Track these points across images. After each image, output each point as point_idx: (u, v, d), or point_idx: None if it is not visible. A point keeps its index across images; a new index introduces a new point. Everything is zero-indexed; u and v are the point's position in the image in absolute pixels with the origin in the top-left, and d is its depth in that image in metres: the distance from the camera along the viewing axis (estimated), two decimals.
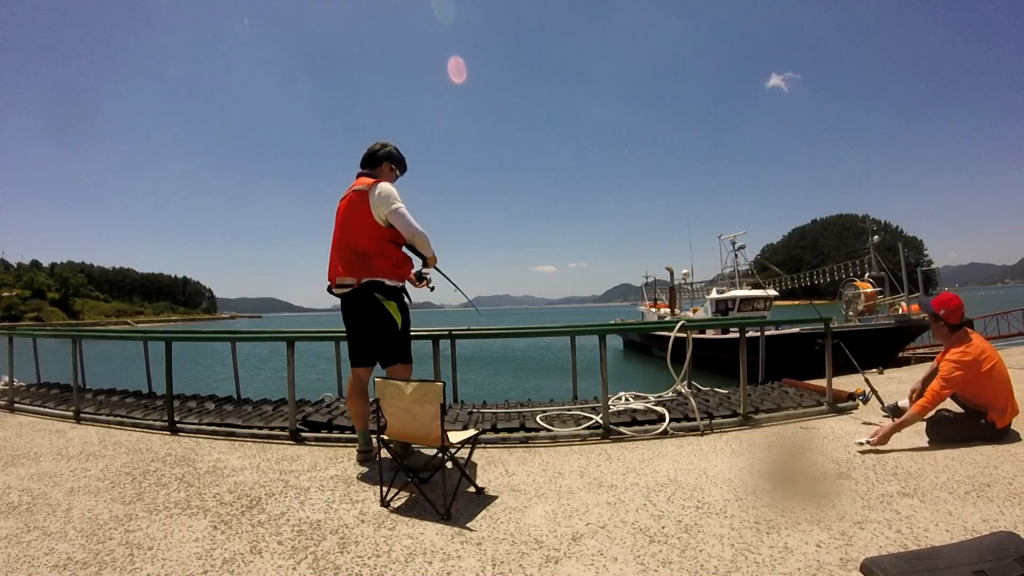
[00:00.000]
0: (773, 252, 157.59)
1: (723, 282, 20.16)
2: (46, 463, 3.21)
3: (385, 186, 2.86)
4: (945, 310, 3.27)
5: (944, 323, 3.28)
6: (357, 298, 2.86)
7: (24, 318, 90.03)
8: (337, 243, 2.93)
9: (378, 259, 2.85)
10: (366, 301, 2.85)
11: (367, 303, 2.85)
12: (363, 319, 2.90)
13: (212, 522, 2.26)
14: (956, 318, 3.27)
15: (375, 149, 3.05)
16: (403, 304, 2.96)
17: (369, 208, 2.81)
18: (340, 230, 2.92)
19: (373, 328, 2.89)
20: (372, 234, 2.84)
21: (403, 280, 2.98)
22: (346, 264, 2.86)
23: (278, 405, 4.67)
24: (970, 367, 3.08)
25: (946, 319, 3.27)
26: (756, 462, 2.93)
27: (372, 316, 2.87)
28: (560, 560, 1.87)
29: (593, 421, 3.67)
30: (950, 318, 3.26)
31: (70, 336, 5.00)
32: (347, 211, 2.89)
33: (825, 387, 4.22)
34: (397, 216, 2.82)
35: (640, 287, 28.51)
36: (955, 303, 3.29)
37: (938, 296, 3.41)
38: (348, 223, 2.88)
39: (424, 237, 2.90)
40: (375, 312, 2.86)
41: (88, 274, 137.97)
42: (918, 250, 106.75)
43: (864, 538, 1.95)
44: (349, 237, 2.87)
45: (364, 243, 2.83)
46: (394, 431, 2.45)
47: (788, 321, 9.15)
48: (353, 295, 2.86)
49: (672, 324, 4.23)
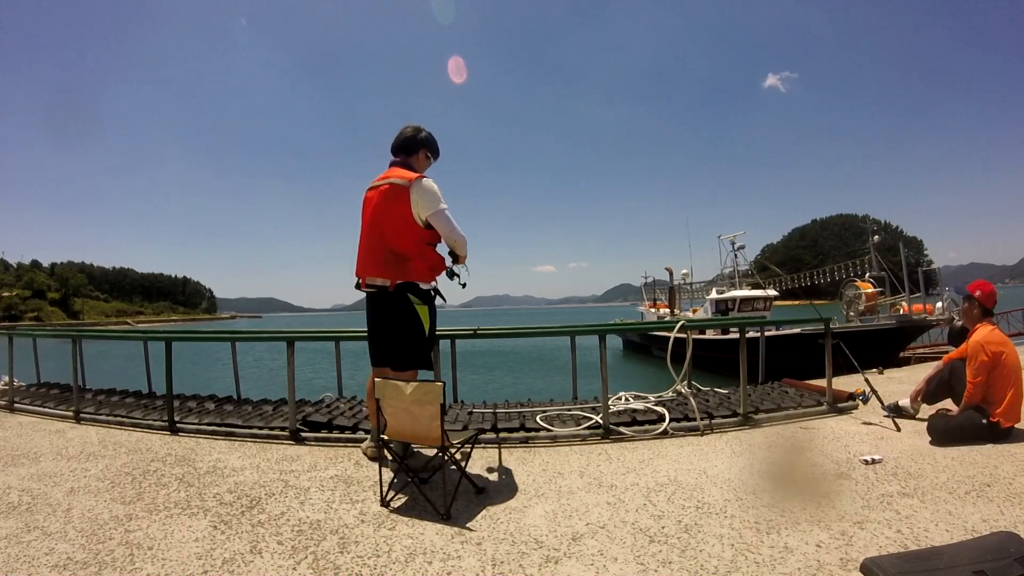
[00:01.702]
0: (773, 252, 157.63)
1: (723, 282, 20.15)
2: (46, 463, 3.21)
3: (429, 184, 2.69)
4: (981, 292, 3.36)
5: (978, 304, 3.35)
6: (389, 299, 2.72)
7: (24, 318, 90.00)
8: (368, 239, 2.76)
9: (416, 261, 2.70)
10: (399, 303, 2.71)
11: (399, 305, 2.71)
12: (391, 320, 2.75)
13: (212, 522, 2.26)
14: (991, 303, 3.37)
15: (410, 134, 2.86)
16: (434, 309, 2.84)
17: (408, 205, 2.64)
18: (371, 226, 2.74)
19: (399, 330, 2.75)
20: (411, 235, 2.68)
21: (432, 280, 2.85)
22: (379, 264, 2.71)
23: (278, 405, 4.67)
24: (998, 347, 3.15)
25: (981, 300, 3.35)
26: (756, 462, 2.93)
27: (401, 318, 2.72)
28: (560, 560, 1.87)
29: (593, 421, 3.66)
30: (986, 301, 3.35)
31: (70, 336, 4.99)
32: (381, 205, 2.71)
33: (825, 387, 4.22)
34: (441, 218, 2.68)
35: (640, 287, 28.51)
36: (990, 288, 3.40)
37: (974, 282, 3.50)
38: (382, 219, 2.70)
39: (465, 241, 2.78)
40: (406, 314, 2.72)
41: (88, 274, 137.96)
42: (918, 250, 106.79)
43: (864, 538, 1.95)
44: (384, 235, 2.70)
45: (401, 244, 2.68)
46: (394, 431, 2.45)
47: (789, 321, 9.15)
48: (384, 295, 2.73)
49: (672, 324, 4.23)
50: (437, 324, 3.00)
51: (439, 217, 2.67)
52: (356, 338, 5.09)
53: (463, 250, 2.81)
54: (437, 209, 2.66)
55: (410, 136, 2.86)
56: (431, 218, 2.67)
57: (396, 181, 2.69)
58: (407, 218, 2.66)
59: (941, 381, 3.57)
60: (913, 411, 3.71)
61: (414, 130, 2.87)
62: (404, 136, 2.86)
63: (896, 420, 3.56)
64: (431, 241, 2.75)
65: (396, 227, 2.68)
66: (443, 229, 2.70)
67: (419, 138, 2.86)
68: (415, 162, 2.86)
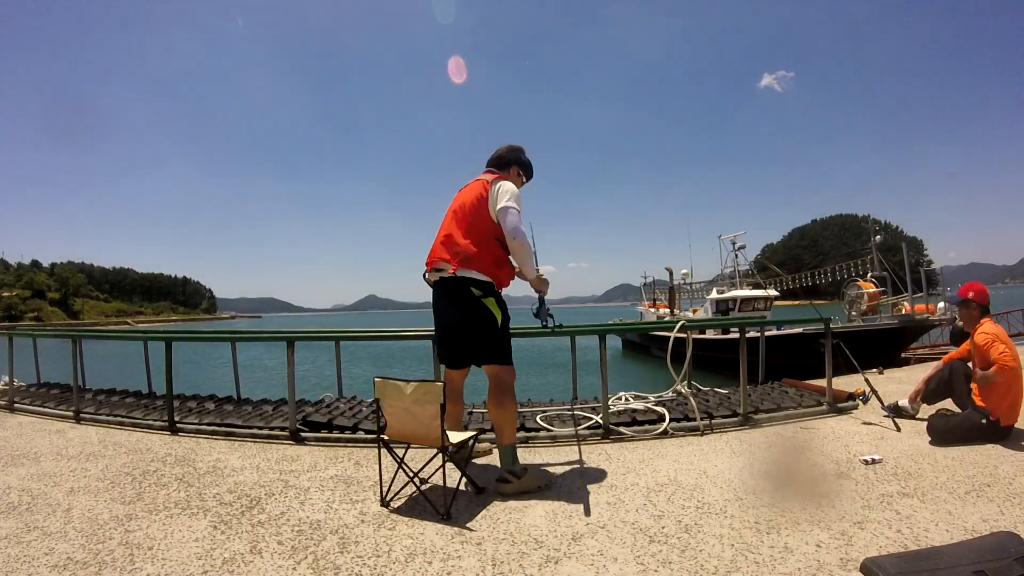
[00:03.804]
0: (773, 252, 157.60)
1: (723, 282, 20.14)
2: (46, 463, 3.21)
3: (511, 185, 2.71)
4: (975, 293, 3.37)
5: (976, 304, 3.36)
6: (452, 289, 2.64)
7: (24, 318, 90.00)
8: (445, 225, 2.75)
9: (481, 252, 2.62)
10: (462, 294, 2.62)
11: (463, 296, 2.62)
12: (459, 313, 2.65)
13: (212, 522, 2.26)
14: (986, 300, 3.39)
15: (502, 152, 2.91)
16: (501, 301, 2.72)
17: (487, 201, 2.66)
18: (451, 214, 2.75)
19: (471, 323, 2.64)
20: (482, 226, 2.65)
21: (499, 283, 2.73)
22: (447, 247, 2.66)
23: (278, 405, 4.66)
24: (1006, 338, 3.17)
25: (978, 300, 3.36)
26: (756, 462, 2.93)
27: (470, 310, 2.62)
28: (560, 560, 1.87)
29: (593, 421, 3.66)
30: (982, 299, 3.37)
31: (70, 336, 4.99)
32: (464, 197, 2.75)
33: (825, 387, 4.22)
34: (509, 215, 2.61)
35: (640, 287, 28.50)
36: (980, 286, 3.42)
37: (962, 286, 3.50)
38: (462, 209, 2.71)
39: (525, 246, 2.64)
40: (473, 306, 2.62)
41: (88, 274, 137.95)
42: (918, 250, 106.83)
43: (864, 538, 1.95)
44: (459, 222, 2.69)
45: (471, 232, 2.64)
46: (394, 431, 2.45)
47: (789, 321, 9.15)
48: (447, 284, 2.65)
49: (672, 324, 4.24)
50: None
51: (506, 214, 2.61)
52: (356, 338, 5.10)
53: (525, 260, 2.69)
54: (507, 205, 2.61)
55: (503, 154, 2.91)
56: (499, 212, 2.62)
57: (482, 178, 2.76)
58: (483, 212, 2.66)
59: (941, 381, 3.57)
60: (913, 411, 3.71)
61: (508, 149, 2.92)
62: (498, 154, 2.92)
63: (896, 420, 3.56)
64: (500, 237, 2.68)
65: (471, 218, 2.67)
66: (507, 226, 2.62)
67: (510, 156, 2.91)
68: (507, 177, 2.85)
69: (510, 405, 2.63)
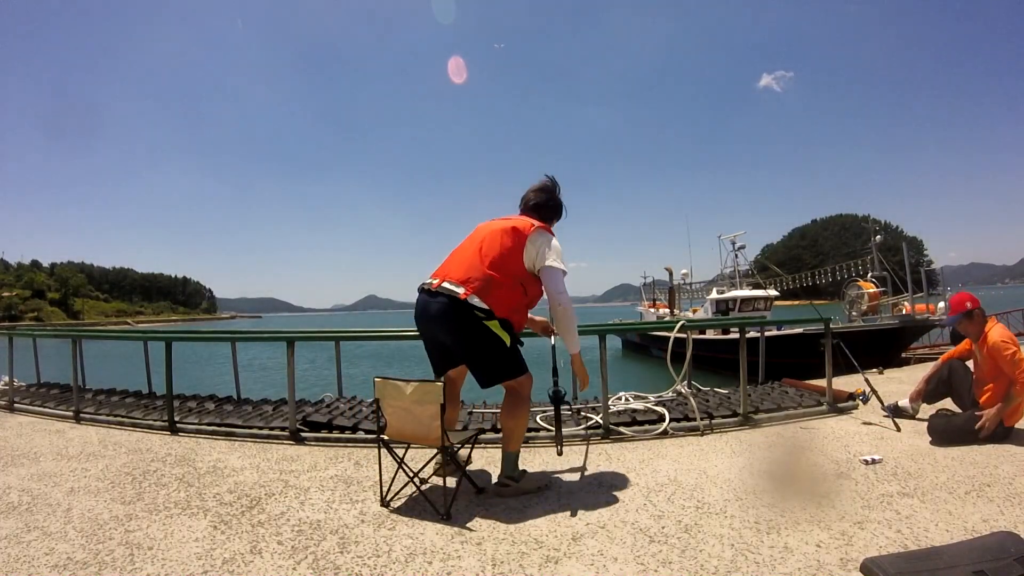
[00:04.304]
0: (773, 252, 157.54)
1: (723, 282, 20.15)
2: (46, 463, 3.21)
3: (556, 241, 2.51)
4: (971, 303, 3.36)
5: (980, 312, 3.34)
6: (455, 312, 2.37)
7: (24, 318, 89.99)
8: (466, 252, 2.51)
9: (502, 291, 2.39)
10: (465, 319, 2.36)
11: (466, 321, 2.36)
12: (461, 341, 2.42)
13: (212, 522, 2.26)
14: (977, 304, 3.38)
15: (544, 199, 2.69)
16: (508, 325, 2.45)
17: (522, 243, 2.44)
18: (476, 245, 2.50)
19: (476, 351, 2.44)
20: (511, 268, 2.43)
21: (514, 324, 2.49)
22: (464, 270, 2.42)
23: (278, 405, 4.66)
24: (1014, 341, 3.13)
25: (975, 306, 3.34)
26: (756, 462, 2.93)
27: (474, 337, 2.39)
28: (560, 560, 1.87)
29: (593, 421, 3.66)
30: (978, 305, 3.35)
31: (70, 336, 5.00)
32: (493, 232, 2.50)
33: (825, 387, 4.22)
34: (555, 276, 2.43)
35: (639, 287, 28.50)
36: (967, 294, 3.45)
37: (953, 297, 3.52)
38: (491, 243, 2.46)
39: (571, 313, 2.48)
40: (477, 332, 2.38)
41: (88, 274, 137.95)
42: (918, 250, 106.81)
43: (864, 538, 1.95)
44: (485, 255, 2.43)
45: (497, 268, 2.40)
46: (394, 431, 2.45)
47: (789, 321, 9.15)
48: (451, 306, 2.38)
49: (672, 324, 4.24)
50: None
51: (553, 275, 2.44)
52: (356, 338, 5.10)
53: (568, 328, 2.51)
54: (555, 266, 2.44)
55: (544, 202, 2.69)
56: (543, 272, 2.45)
57: (518, 225, 2.51)
58: (516, 253, 2.45)
59: (940, 381, 3.57)
60: (913, 411, 3.71)
61: (550, 193, 2.71)
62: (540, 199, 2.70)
63: (896, 420, 3.56)
64: (525, 282, 2.48)
65: (499, 252, 2.44)
66: (551, 287, 2.45)
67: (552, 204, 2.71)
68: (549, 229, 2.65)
69: (524, 415, 2.56)
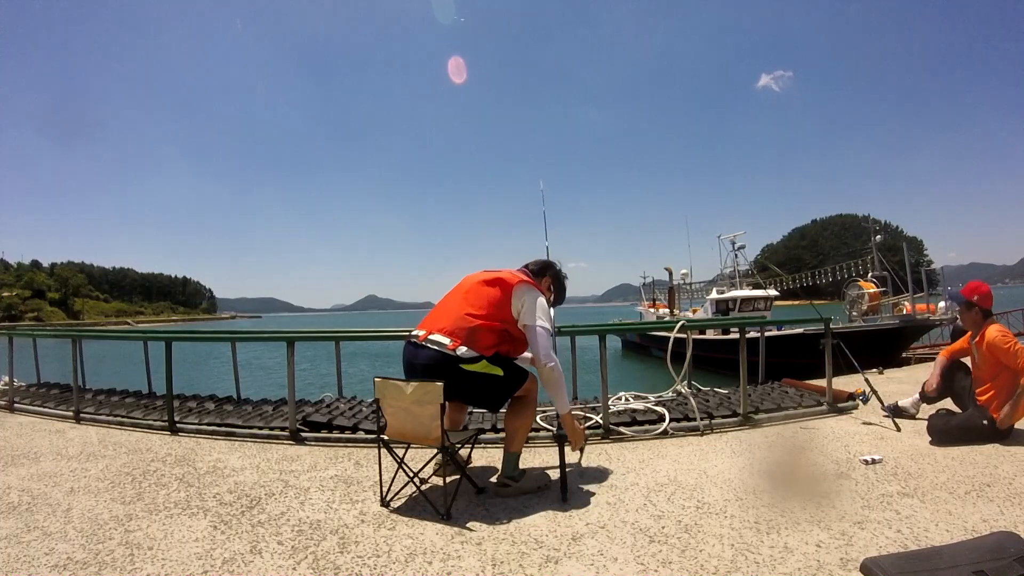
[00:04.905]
0: (773, 252, 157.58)
1: (723, 282, 20.15)
2: (46, 463, 3.21)
3: (543, 299, 2.52)
4: (979, 295, 3.27)
5: (979, 309, 3.26)
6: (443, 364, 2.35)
7: (24, 318, 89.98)
8: (453, 301, 2.53)
9: (489, 333, 2.39)
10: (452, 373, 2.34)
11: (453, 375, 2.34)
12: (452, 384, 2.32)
13: (212, 522, 2.27)
14: (989, 303, 3.28)
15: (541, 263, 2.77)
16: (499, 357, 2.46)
17: (510, 299, 2.44)
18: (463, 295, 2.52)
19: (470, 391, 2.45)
20: (500, 315, 2.43)
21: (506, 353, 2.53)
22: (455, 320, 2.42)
23: (278, 405, 4.67)
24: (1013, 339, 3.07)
25: (980, 304, 3.26)
26: (756, 462, 2.92)
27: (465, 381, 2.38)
28: (560, 560, 1.87)
29: (593, 421, 3.66)
30: (984, 303, 3.26)
31: (70, 336, 5.00)
32: (481, 284, 2.52)
33: (825, 387, 4.22)
34: (540, 336, 2.42)
35: (639, 287, 28.51)
36: (985, 289, 3.31)
37: (966, 285, 3.40)
38: (477, 293, 2.49)
39: (559, 374, 2.45)
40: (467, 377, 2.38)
41: (88, 274, 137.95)
42: (918, 250, 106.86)
43: (864, 538, 1.95)
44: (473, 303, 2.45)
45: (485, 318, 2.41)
46: (394, 431, 2.45)
47: (789, 321, 9.14)
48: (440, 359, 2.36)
49: (672, 324, 4.24)
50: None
51: (538, 335, 2.43)
52: (356, 338, 5.10)
53: (554, 384, 2.46)
54: (542, 325, 2.43)
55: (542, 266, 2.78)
56: (527, 330, 2.45)
57: (504, 277, 2.52)
58: (504, 305, 2.45)
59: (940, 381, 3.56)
60: (913, 411, 3.71)
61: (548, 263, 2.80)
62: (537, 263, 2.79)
63: (896, 420, 3.56)
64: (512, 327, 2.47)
65: (487, 302, 2.45)
66: (535, 348, 2.45)
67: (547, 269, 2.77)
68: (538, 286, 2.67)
69: (530, 416, 2.58)
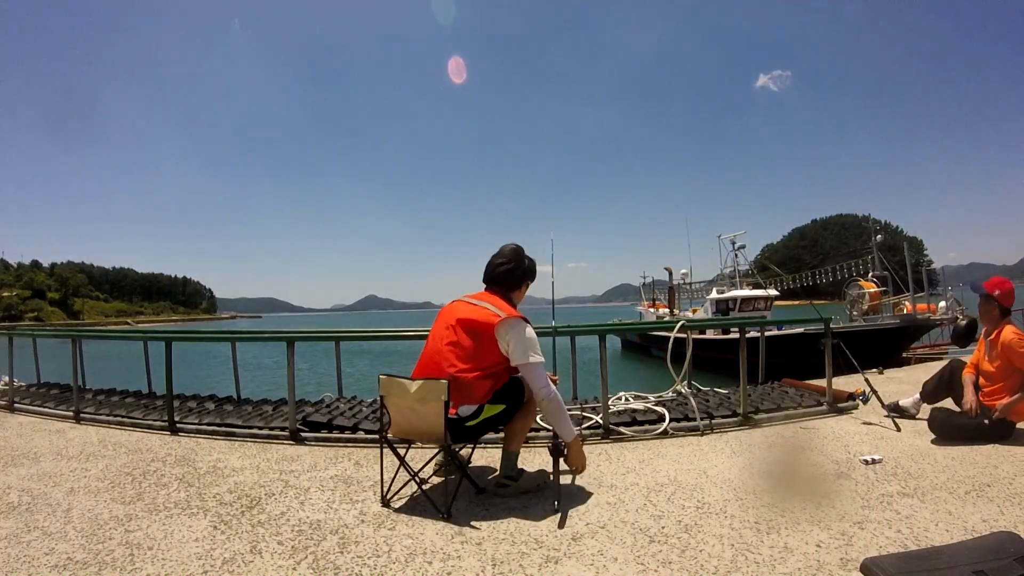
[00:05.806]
0: (773, 252, 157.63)
1: (723, 282, 20.15)
2: (46, 463, 3.21)
3: (530, 329, 2.42)
4: (1000, 291, 3.24)
5: (998, 304, 3.23)
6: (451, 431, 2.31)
7: (24, 318, 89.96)
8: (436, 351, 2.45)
9: (485, 379, 2.37)
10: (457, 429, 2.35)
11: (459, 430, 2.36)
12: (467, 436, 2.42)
13: (212, 522, 2.26)
14: (1009, 301, 3.25)
15: (511, 268, 2.60)
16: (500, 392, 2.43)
17: (492, 339, 2.38)
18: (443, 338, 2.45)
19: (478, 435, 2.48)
20: (485, 357, 2.38)
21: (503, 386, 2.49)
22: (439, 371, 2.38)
23: (278, 405, 4.66)
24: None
25: (1000, 300, 3.23)
26: (756, 462, 2.93)
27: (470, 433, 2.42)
28: (560, 560, 1.87)
29: (593, 421, 3.66)
30: (1005, 300, 3.23)
31: (70, 336, 5.00)
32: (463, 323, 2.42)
33: (825, 387, 4.22)
34: (536, 373, 2.39)
35: (639, 287, 28.51)
36: (1009, 286, 3.28)
37: (991, 279, 3.38)
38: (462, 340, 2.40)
39: (557, 403, 2.42)
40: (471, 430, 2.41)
41: (88, 274, 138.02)
42: (918, 250, 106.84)
43: (864, 538, 1.95)
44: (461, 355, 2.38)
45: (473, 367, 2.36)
46: (398, 428, 2.45)
47: (790, 321, 9.14)
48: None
49: (672, 324, 4.24)
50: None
51: (531, 370, 2.40)
52: (356, 338, 5.10)
53: (556, 415, 2.44)
54: (530, 362, 2.39)
55: (513, 270, 2.61)
56: (520, 368, 2.42)
57: (491, 309, 2.43)
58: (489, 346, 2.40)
59: (941, 381, 3.57)
60: (913, 411, 3.71)
61: (516, 261, 2.63)
62: (505, 270, 2.61)
63: (896, 420, 3.56)
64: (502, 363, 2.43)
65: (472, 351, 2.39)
66: (535, 384, 2.41)
67: (520, 272, 2.64)
68: (516, 296, 2.64)
69: (528, 418, 2.58)
